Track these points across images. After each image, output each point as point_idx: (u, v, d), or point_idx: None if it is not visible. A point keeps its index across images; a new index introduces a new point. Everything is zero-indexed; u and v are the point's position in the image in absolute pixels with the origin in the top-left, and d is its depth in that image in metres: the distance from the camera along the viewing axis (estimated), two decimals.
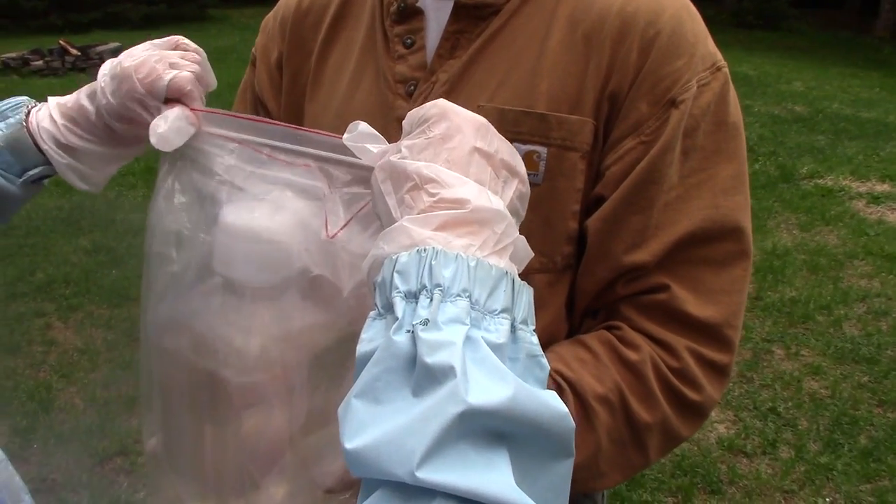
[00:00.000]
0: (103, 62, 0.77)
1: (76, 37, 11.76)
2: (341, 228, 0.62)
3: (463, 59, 0.84)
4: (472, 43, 0.84)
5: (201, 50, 0.80)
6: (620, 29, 0.79)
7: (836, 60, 12.48)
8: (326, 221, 0.63)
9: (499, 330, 0.46)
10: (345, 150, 0.64)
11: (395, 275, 0.48)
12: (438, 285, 0.46)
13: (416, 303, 0.46)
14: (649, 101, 0.78)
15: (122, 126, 0.76)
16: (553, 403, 0.45)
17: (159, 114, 0.72)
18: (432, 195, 0.51)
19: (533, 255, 0.58)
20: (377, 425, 0.42)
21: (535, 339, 0.49)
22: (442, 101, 0.59)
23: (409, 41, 0.86)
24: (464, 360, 0.43)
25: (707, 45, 0.82)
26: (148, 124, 0.72)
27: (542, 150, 0.80)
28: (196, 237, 0.72)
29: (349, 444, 0.43)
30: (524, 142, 0.80)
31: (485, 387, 0.42)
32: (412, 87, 0.86)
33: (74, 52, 10.10)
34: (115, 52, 10.58)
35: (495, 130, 0.59)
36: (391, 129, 0.86)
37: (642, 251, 0.79)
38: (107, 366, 3.28)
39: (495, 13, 0.83)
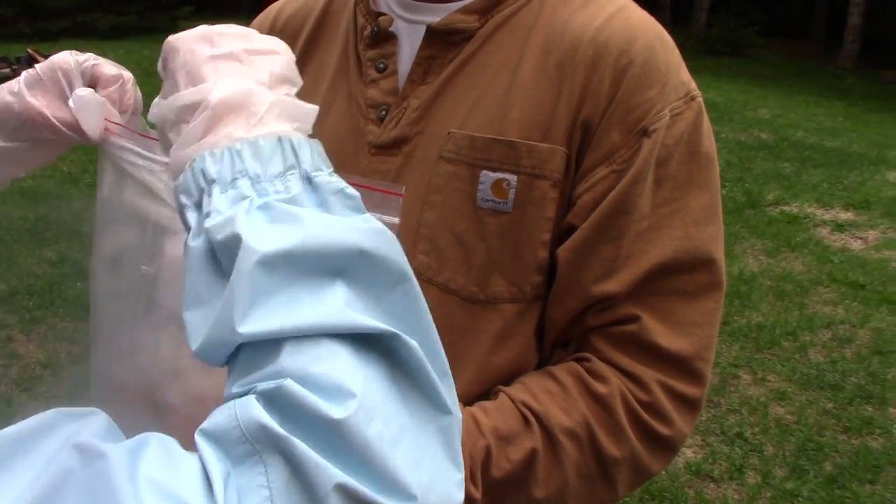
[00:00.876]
0: None
1: (44, 45, 11.61)
2: None
3: (435, 85, 0.83)
4: (444, 69, 0.83)
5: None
6: (593, 58, 0.78)
7: (801, 89, 12.73)
8: None
9: (288, 186, 0.48)
10: None
11: (181, 196, 0.50)
12: (213, 181, 0.48)
13: (202, 207, 0.49)
14: (621, 130, 0.78)
15: (32, 102, 0.75)
16: (366, 222, 0.47)
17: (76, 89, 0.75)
18: (186, 120, 0.53)
19: (316, 108, 0.58)
20: (207, 319, 0.45)
21: (334, 178, 0.50)
22: (170, 38, 0.59)
23: (381, 66, 0.85)
24: (249, 223, 0.45)
25: (680, 74, 0.81)
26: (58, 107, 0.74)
27: (512, 178, 0.79)
28: (139, 268, 0.70)
29: (193, 348, 0.45)
30: (493, 169, 0.79)
31: (276, 235, 0.44)
32: (384, 112, 0.85)
33: (43, 60, 9.98)
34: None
35: (224, 31, 0.58)
36: (362, 154, 0.85)
37: (612, 281, 0.79)
38: (70, 380, 3.21)
39: (468, 39, 0.83)
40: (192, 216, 0.49)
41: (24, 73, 0.76)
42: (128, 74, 0.78)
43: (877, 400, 3.39)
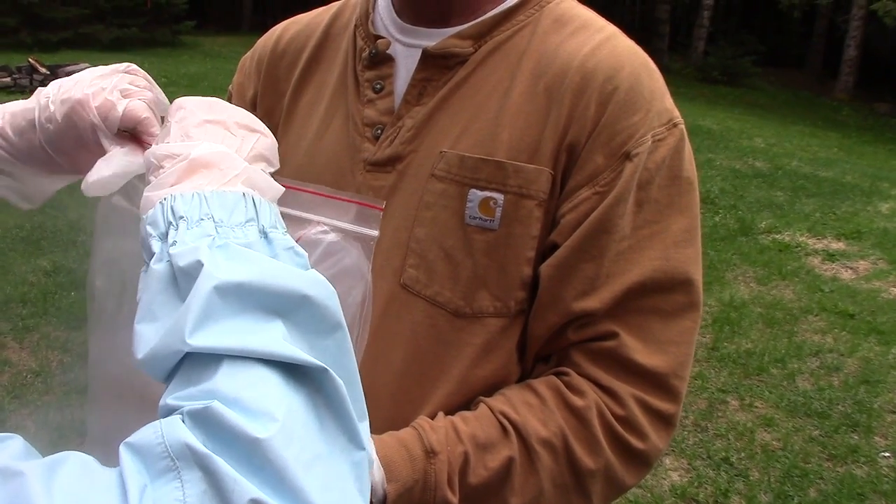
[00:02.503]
0: None
1: (46, 55, 11.67)
2: None
3: (429, 106, 0.86)
4: (438, 90, 0.86)
5: (149, 76, 0.76)
6: (580, 83, 0.82)
7: (797, 119, 12.84)
8: None
9: (247, 235, 0.54)
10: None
11: (148, 227, 0.55)
12: (181, 217, 0.54)
13: (167, 238, 0.54)
14: (605, 154, 0.81)
15: (63, 156, 0.72)
16: (311, 274, 0.52)
17: (112, 142, 0.70)
18: (165, 166, 0.59)
19: (283, 189, 0.63)
20: (158, 332, 0.49)
21: (287, 237, 0.56)
22: (180, 98, 0.66)
23: (378, 86, 0.89)
24: (211, 255, 0.50)
25: (664, 101, 0.85)
26: (96, 151, 0.70)
27: (499, 196, 0.82)
28: (138, 272, 0.73)
29: (139, 356, 0.49)
30: (482, 188, 0.82)
31: (233, 268, 0.49)
32: (379, 131, 0.88)
33: (43, 70, 10.02)
34: None
35: (228, 104, 0.66)
36: (357, 170, 0.88)
37: (592, 298, 0.81)
38: (61, 389, 3.21)
39: (462, 63, 0.86)
40: (156, 244, 0.54)
41: (53, 117, 0.70)
42: (147, 95, 0.72)
43: (863, 428, 3.41)
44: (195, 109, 0.63)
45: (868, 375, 3.90)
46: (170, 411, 0.46)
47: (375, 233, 0.65)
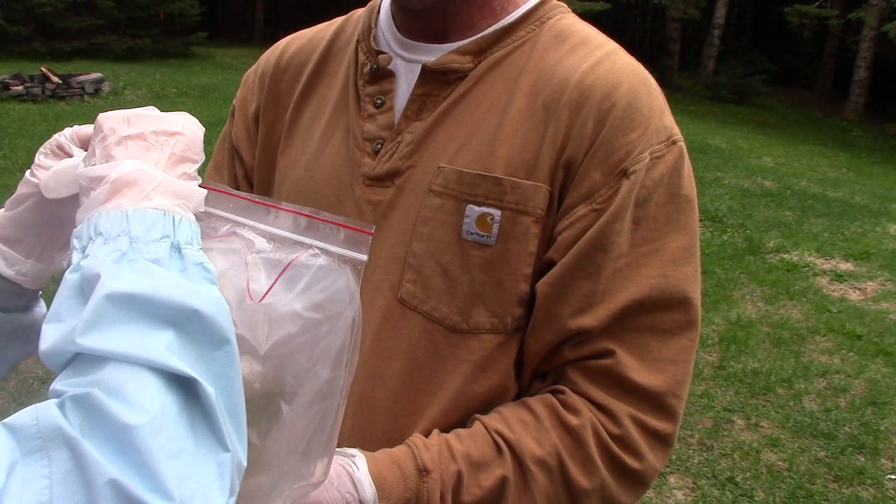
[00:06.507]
0: (84, 91, 0.76)
1: (58, 65, 11.76)
2: (267, 293, 0.63)
3: (428, 121, 0.86)
4: (437, 106, 0.86)
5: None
6: (578, 100, 0.82)
7: (806, 139, 12.83)
8: (249, 285, 0.64)
9: (158, 250, 0.58)
10: (252, 210, 0.68)
11: (74, 240, 0.60)
12: (100, 234, 0.58)
13: (85, 251, 0.58)
14: (602, 171, 0.80)
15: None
16: (207, 292, 0.56)
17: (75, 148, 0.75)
18: (94, 188, 0.63)
19: (204, 192, 0.66)
20: (59, 332, 0.54)
21: (200, 254, 0.60)
22: (100, 115, 0.68)
23: (379, 101, 0.89)
24: (115, 268, 0.55)
25: (663, 119, 0.84)
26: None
27: (496, 212, 0.82)
28: None
29: (42, 347, 0.54)
30: (479, 204, 0.82)
31: (129, 279, 0.54)
32: (379, 146, 0.88)
33: (56, 79, 10.09)
34: (98, 83, 10.63)
35: (146, 113, 0.68)
36: (356, 185, 0.88)
37: (588, 316, 0.81)
38: None
39: (461, 78, 0.86)
40: (76, 256, 0.58)
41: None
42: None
43: (869, 450, 3.38)
44: (114, 127, 0.67)
45: (875, 397, 3.88)
46: (57, 395, 0.50)
47: (364, 257, 0.65)
